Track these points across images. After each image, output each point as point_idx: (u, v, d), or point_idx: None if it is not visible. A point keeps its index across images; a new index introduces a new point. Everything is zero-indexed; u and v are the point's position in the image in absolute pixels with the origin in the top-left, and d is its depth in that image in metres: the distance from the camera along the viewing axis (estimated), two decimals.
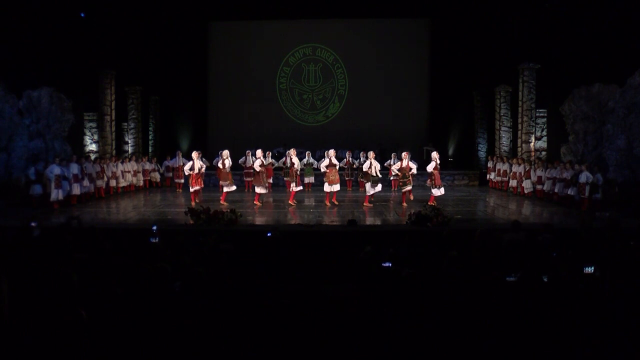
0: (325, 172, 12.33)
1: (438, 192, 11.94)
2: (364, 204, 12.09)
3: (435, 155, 12.30)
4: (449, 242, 6.19)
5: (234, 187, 12.60)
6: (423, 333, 3.33)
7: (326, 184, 12.22)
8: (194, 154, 12.44)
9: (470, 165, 18.80)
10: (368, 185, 12.11)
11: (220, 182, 12.58)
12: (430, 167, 12.02)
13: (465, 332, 3.36)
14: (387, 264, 4.48)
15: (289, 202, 12.27)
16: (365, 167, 12.30)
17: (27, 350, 2.97)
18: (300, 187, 12.57)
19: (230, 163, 12.56)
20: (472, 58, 17.75)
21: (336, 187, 12.27)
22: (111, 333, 3.19)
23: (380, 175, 12.16)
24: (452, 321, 3.49)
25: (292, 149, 12.75)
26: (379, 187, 12.09)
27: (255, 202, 12.31)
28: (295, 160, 12.35)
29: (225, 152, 12.58)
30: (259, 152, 12.62)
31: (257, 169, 12.22)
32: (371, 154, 12.38)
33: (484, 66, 17.63)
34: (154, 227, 6.23)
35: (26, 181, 12.57)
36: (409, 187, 12.09)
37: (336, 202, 12.27)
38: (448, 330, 3.37)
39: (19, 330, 3.14)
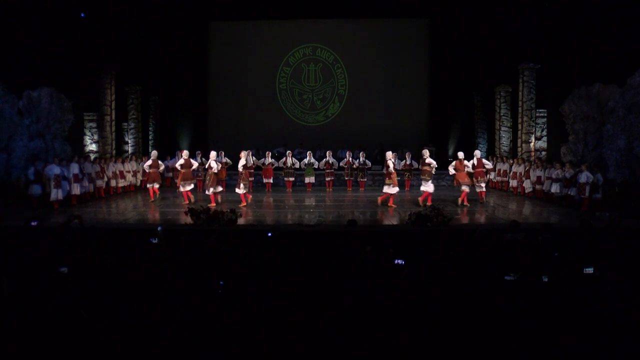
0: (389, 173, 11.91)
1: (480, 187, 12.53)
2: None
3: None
4: (449, 242, 6.19)
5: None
6: (423, 333, 3.33)
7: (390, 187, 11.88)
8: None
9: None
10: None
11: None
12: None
13: (465, 331, 3.36)
14: (399, 261, 4.49)
15: (243, 204, 11.89)
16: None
17: (27, 350, 2.97)
18: (245, 190, 12.14)
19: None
20: (472, 58, 17.76)
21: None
22: (111, 333, 3.19)
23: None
24: (452, 321, 3.49)
25: (242, 151, 12.55)
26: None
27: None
28: (244, 160, 12.20)
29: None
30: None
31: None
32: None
33: (484, 66, 17.64)
34: (159, 228, 6.22)
35: (26, 181, 12.56)
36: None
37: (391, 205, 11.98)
38: (448, 329, 3.38)
39: (19, 330, 3.14)
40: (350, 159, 15.85)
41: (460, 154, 12.44)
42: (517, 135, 16.63)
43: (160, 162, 13.50)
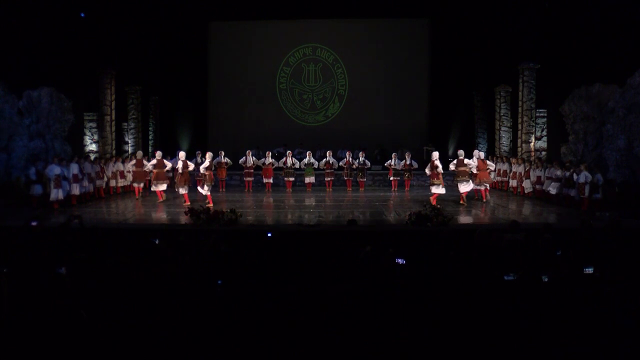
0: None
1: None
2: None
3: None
4: (449, 242, 6.18)
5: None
6: (423, 333, 3.33)
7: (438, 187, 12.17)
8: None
9: None
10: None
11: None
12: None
13: (465, 331, 3.36)
14: (400, 261, 4.49)
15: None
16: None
17: (27, 350, 2.97)
18: (209, 191, 12.15)
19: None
20: (472, 58, 17.75)
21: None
22: (111, 333, 3.19)
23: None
24: (452, 321, 3.49)
25: (208, 152, 12.72)
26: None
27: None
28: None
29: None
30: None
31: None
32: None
33: (484, 66, 17.63)
34: (156, 241, 6.17)
35: (26, 181, 12.57)
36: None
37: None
38: (447, 329, 3.37)
39: (19, 330, 3.14)
40: (350, 159, 15.83)
41: (481, 154, 13.07)
42: (517, 135, 16.62)
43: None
